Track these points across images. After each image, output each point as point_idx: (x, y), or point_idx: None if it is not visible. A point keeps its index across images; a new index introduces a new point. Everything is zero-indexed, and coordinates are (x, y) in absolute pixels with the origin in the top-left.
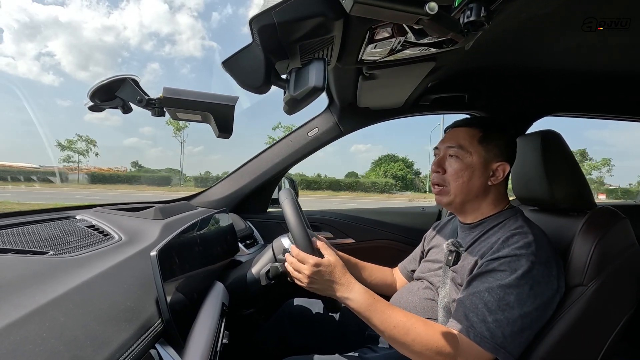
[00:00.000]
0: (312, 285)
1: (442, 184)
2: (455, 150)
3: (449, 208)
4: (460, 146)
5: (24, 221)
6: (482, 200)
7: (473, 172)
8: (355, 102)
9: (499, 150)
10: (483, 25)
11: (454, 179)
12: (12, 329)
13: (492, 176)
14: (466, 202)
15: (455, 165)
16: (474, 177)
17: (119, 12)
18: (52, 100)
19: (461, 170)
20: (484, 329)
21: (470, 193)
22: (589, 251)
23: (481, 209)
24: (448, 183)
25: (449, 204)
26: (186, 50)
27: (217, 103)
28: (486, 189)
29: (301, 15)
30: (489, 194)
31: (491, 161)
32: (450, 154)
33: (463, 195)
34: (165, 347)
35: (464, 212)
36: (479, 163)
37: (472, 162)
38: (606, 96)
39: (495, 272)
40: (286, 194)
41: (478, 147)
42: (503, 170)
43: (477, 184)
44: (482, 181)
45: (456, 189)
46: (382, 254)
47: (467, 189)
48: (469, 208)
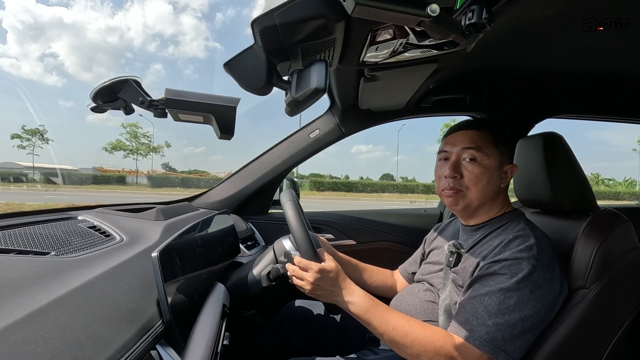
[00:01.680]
0: (316, 292)
1: (459, 189)
2: (473, 153)
3: (461, 212)
4: (478, 147)
5: (26, 222)
6: (494, 203)
7: (490, 175)
8: (356, 104)
9: (509, 152)
10: (485, 27)
11: (473, 184)
12: (13, 329)
13: (503, 178)
14: (481, 206)
15: (473, 168)
16: (492, 180)
17: (123, 13)
18: (55, 101)
19: (481, 174)
20: (483, 332)
21: (487, 196)
22: (592, 254)
23: (490, 212)
24: (466, 188)
25: (464, 208)
26: (189, 51)
27: (218, 104)
28: (498, 191)
29: (303, 17)
30: (499, 196)
31: (504, 163)
32: (466, 157)
33: (481, 199)
34: (166, 348)
35: (474, 215)
36: (495, 166)
37: (489, 165)
38: (608, 97)
39: (496, 275)
40: (287, 195)
41: (494, 150)
42: (512, 172)
43: (494, 187)
44: (497, 184)
45: (475, 193)
46: (383, 256)
47: (485, 192)
48: (481, 211)
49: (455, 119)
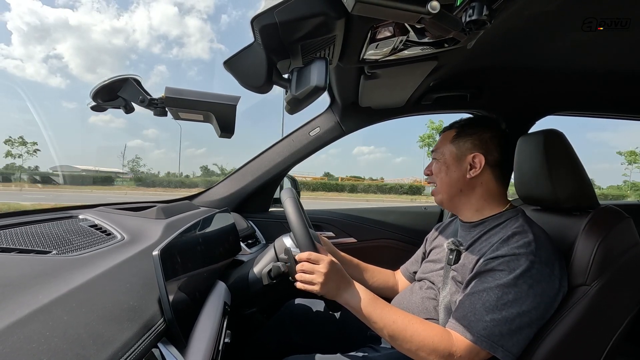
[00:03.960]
0: (326, 284)
1: (433, 183)
2: (435, 154)
3: (443, 206)
4: (436, 149)
5: (27, 220)
6: (470, 195)
7: (448, 167)
8: (357, 102)
9: (471, 144)
10: (485, 24)
11: (437, 177)
12: (15, 328)
13: (470, 169)
14: (453, 197)
15: (434, 166)
16: (450, 172)
17: (129, 14)
18: (58, 102)
19: (438, 168)
20: (480, 328)
21: (452, 187)
22: (592, 251)
23: (473, 204)
24: (436, 182)
25: (441, 202)
26: (194, 53)
27: (219, 103)
28: (469, 182)
29: (303, 14)
30: (475, 188)
31: (464, 155)
32: (433, 157)
33: (447, 190)
34: (168, 346)
35: (456, 208)
36: (451, 159)
37: (445, 160)
38: (608, 95)
39: (494, 272)
40: (288, 193)
41: (449, 146)
42: (480, 162)
43: (454, 177)
44: (459, 175)
45: (440, 186)
46: (384, 254)
47: (448, 183)
48: (459, 203)
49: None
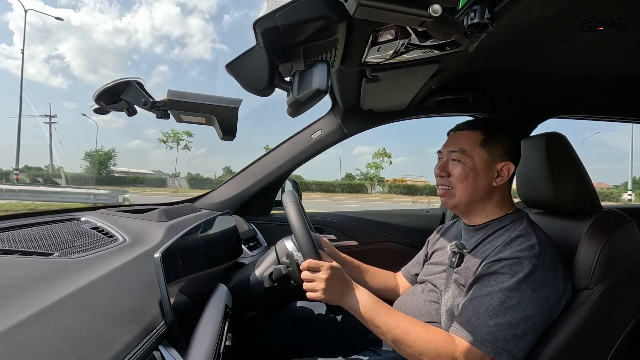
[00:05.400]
0: (329, 291)
1: (447, 185)
2: (458, 155)
3: (454, 210)
4: (462, 150)
5: (29, 223)
6: (487, 202)
7: (477, 174)
8: (358, 104)
9: (502, 151)
10: (487, 27)
11: (458, 182)
12: (17, 330)
13: (497, 177)
14: (472, 204)
15: (458, 169)
16: (478, 178)
17: (131, 14)
18: (59, 103)
19: (465, 173)
20: (484, 333)
21: (476, 194)
22: (595, 254)
23: (486, 210)
24: (453, 185)
25: (454, 206)
26: (196, 53)
27: (221, 105)
28: (491, 190)
29: (305, 17)
30: (494, 195)
31: (495, 162)
32: (452, 158)
33: (469, 197)
34: (169, 349)
35: (469, 214)
36: (482, 165)
37: (475, 165)
38: (609, 98)
39: (497, 275)
40: (289, 196)
41: (480, 151)
42: (508, 170)
43: (482, 185)
44: (486, 182)
45: (461, 191)
46: (386, 256)
47: (472, 190)
48: (474, 210)
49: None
